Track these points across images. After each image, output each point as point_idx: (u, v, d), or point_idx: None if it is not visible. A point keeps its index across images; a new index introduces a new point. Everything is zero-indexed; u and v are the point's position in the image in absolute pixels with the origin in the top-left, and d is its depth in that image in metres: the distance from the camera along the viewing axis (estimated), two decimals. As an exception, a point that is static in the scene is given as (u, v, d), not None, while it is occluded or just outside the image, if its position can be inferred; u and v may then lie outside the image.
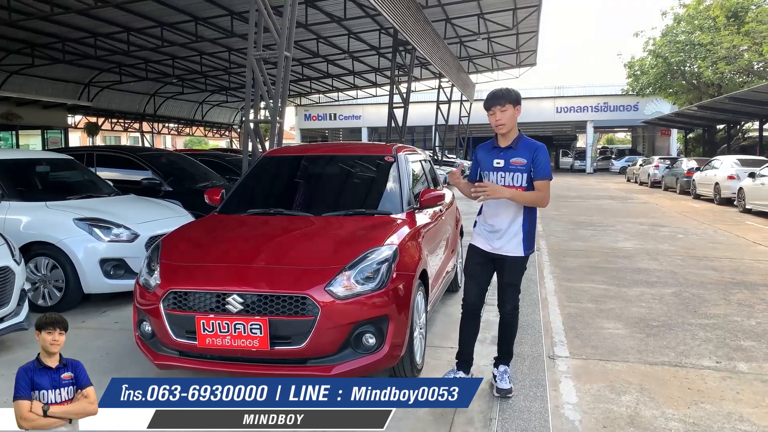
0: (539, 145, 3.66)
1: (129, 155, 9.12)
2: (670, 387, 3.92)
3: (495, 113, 3.61)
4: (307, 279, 3.51)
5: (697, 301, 6.17)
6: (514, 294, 3.79)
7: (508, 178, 3.63)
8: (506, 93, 3.62)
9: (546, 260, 8.50)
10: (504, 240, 3.67)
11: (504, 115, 3.59)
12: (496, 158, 3.66)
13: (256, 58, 9.25)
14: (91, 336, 5.09)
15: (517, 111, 3.63)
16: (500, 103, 3.58)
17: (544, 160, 3.61)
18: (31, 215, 5.87)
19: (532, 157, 3.59)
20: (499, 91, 3.65)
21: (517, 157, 3.61)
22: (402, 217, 4.40)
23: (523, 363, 4.33)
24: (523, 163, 3.59)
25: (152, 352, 3.75)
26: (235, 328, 3.42)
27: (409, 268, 3.84)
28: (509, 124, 3.62)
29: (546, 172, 3.61)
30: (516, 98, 3.63)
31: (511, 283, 3.74)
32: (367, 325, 3.51)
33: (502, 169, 3.64)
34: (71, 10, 15.80)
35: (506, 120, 3.60)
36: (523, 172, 3.60)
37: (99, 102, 26.25)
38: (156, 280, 3.72)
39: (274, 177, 5.22)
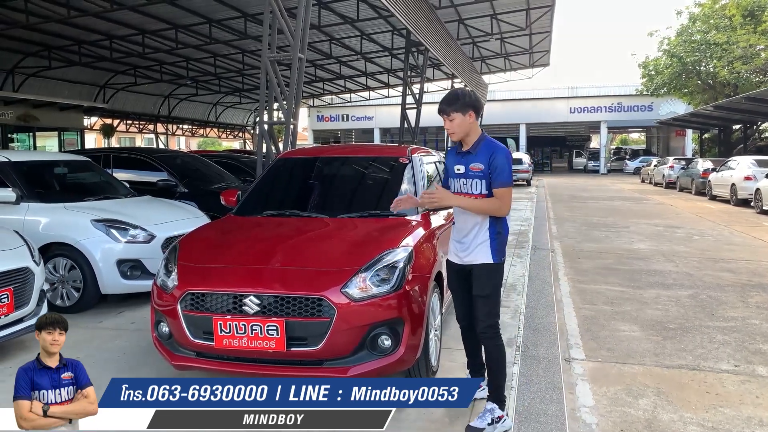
0: (498, 147, 3.32)
1: (145, 157, 9.21)
2: (687, 391, 3.89)
3: (444, 121, 3.34)
4: (323, 280, 3.52)
5: (715, 303, 6.11)
6: (486, 308, 3.32)
7: (468, 186, 3.34)
8: (453, 100, 3.29)
9: (560, 261, 8.47)
10: (470, 249, 3.36)
11: (452, 124, 3.30)
12: (457, 164, 3.39)
13: (270, 59, 9.29)
14: (109, 336, 5.14)
15: (469, 117, 3.29)
16: (446, 112, 3.29)
17: (501, 164, 3.25)
18: (49, 216, 5.94)
19: (489, 162, 3.26)
20: (446, 97, 3.34)
21: (476, 162, 3.30)
22: (417, 218, 4.40)
23: (538, 365, 4.31)
24: (480, 168, 3.28)
25: (169, 353, 3.78)
26: (252, 329, 3.44)
27: (424, 270, 3.84)
28: (460, 132, 3.32)
29: (503, 178, 3.26)
30: (467, 104, 3.27)
31: (481, 294, 3.31)
32: (383, 326, 3.52)
33: (463, 176, 3.36)
34: (88, 13, 15.96)
35: (455, 128, 3.31)
36: (482, 178, 3.29)
37: (114, 104, 26.47)
38: (173, 281, 3.76)
39: (289, 179, 5.25)
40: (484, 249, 3.33)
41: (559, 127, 47.68)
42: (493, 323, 3.36)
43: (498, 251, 3.35)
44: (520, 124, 42.59)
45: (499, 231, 3.37)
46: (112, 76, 24.73)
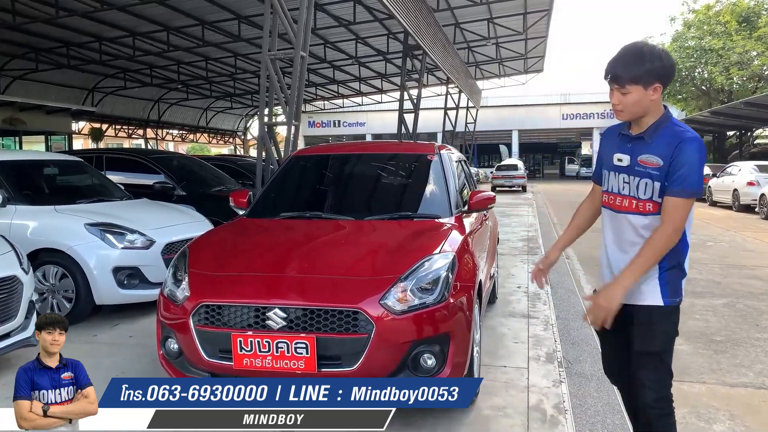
0: (688, 135, 2.21)
1: (140, 158, 8.70)
2: (763, 413, 3.48)
3: (611, 92, 2.29)
4: (358, 291, 3.08)
5: (755, 313, 5.73)
6: (655, 373, 2.31)
7: (632, 187, 2.31)
8: (635, 61, 2.19)
9: (579, 269, 8.07)
10: None
11: (625, 100, 2.24)
12: (619, 152, 2.35)
13: (271, 58, 8.88)
14: (104, 352, 4.64)
15: (653, 92, 2.21)
16: (619, 81, 2.23)
17: (691, 161, 2.17)
18: (38, 220, 5.44)
19: (672, 155, 2.19)
20: (623, 55, 2.24)
21: (650, 153, 2.24)
22: (451, 221, 3.97)
23: (588, 384, 3.88)
24: (656, 164, 2.23)
25: (179, 374, 3.32)
26: (278, 347, 2.98)
27: (467, 279, 3.42)
28: (633, 111, 2.27)
29: (690, 184, 2.18)
30: (653, 72, 2.19)
31: (647, 350, 2.31)
32: (426, 343, 3.08)
33: (626, 170, 2.32)
34: (76, 13, 15.45)
35: (629, 106, 2.25)
36: (655, 179, 2.24)
37: (103, 108, 25.86)
38: (184, 291, 3.29)
39: (306, 178, 4.79)
40: (651, 285, 2.30)
41: (552, 133, 47.54)
42: (666, 395, 2.34)
43: (672, 288, 2.30)
44: (513, 131, 42.41)
45: (677, 257, 2.31)
46: (101, 80, 24.18)
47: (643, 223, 2.32)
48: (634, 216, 2.34)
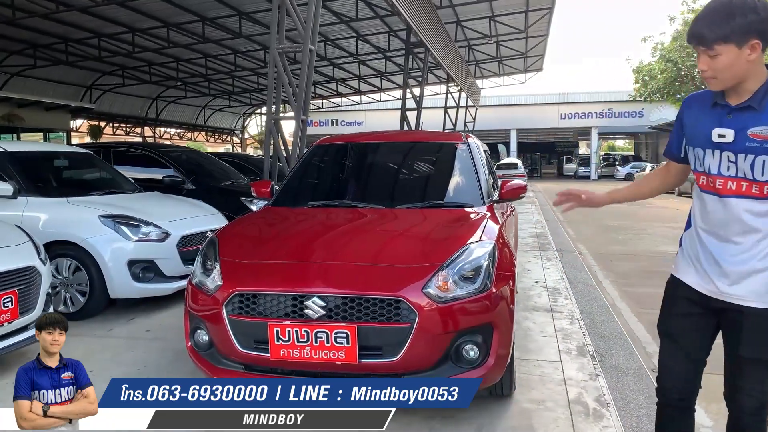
0: None
1: (149, 152, 8.54)
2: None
3: (699, 57, 1.97)
4: (400, 278, 2.96)
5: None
6: (759, 382, 2.09)
7: (742, 166, 1.96)
8: (722, 18, 1.88)
9: (593, 264, 8.00)
10: (741, 277, 2.02)
11: (715, 63, 1.92)
12: (720, 126, 1.99)
13: (279, 52, 8.75)
14: (122, 346, 4.52)
15: (751, 50, 1.88)
16: (705, 42, 1.91)
17: None
18: (51, 212, 5.30)
19: None
20: (708, 13, 1.92)
21: (763, 125, 1.91)
22: (484, 210, 3.86)
23: (626, 377, 3.79)
24: None
25: (210, 366, 3.20)
26: (317, 338, 2.86)
27: (507, 269, 3.30)
28: (728, 77, 1.94)
29: None
30: (747, 27, 1.86)
31: (759, 358, 2.06)
32: (470, 334, 2.97)
33: (730, 147, 1.97)
34: (75, 8, 15.26)
35: (721, 71, 1.93)
36: None
37: (101, 105, 25.66)
38: (215, 281, 3.17)
39: (331, 166, 4.67)
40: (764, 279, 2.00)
41: (550, 132, 47.54)
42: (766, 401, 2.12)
43: None
44: (511, 130, 42.38)
45: None
46: (99, 77, 23.98)
47: (761, 209, 1.97)
48: (749, 201, 1.98)
